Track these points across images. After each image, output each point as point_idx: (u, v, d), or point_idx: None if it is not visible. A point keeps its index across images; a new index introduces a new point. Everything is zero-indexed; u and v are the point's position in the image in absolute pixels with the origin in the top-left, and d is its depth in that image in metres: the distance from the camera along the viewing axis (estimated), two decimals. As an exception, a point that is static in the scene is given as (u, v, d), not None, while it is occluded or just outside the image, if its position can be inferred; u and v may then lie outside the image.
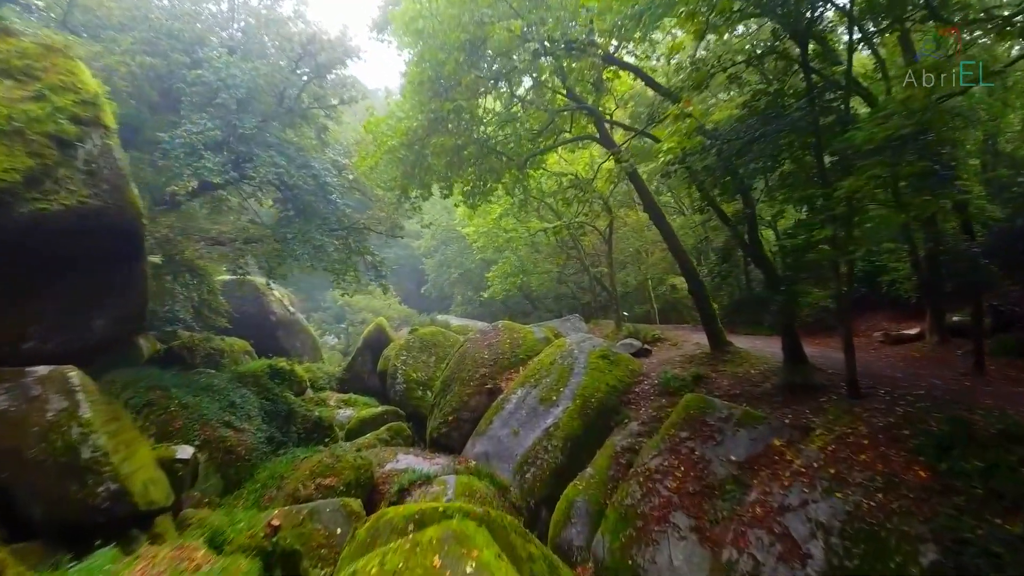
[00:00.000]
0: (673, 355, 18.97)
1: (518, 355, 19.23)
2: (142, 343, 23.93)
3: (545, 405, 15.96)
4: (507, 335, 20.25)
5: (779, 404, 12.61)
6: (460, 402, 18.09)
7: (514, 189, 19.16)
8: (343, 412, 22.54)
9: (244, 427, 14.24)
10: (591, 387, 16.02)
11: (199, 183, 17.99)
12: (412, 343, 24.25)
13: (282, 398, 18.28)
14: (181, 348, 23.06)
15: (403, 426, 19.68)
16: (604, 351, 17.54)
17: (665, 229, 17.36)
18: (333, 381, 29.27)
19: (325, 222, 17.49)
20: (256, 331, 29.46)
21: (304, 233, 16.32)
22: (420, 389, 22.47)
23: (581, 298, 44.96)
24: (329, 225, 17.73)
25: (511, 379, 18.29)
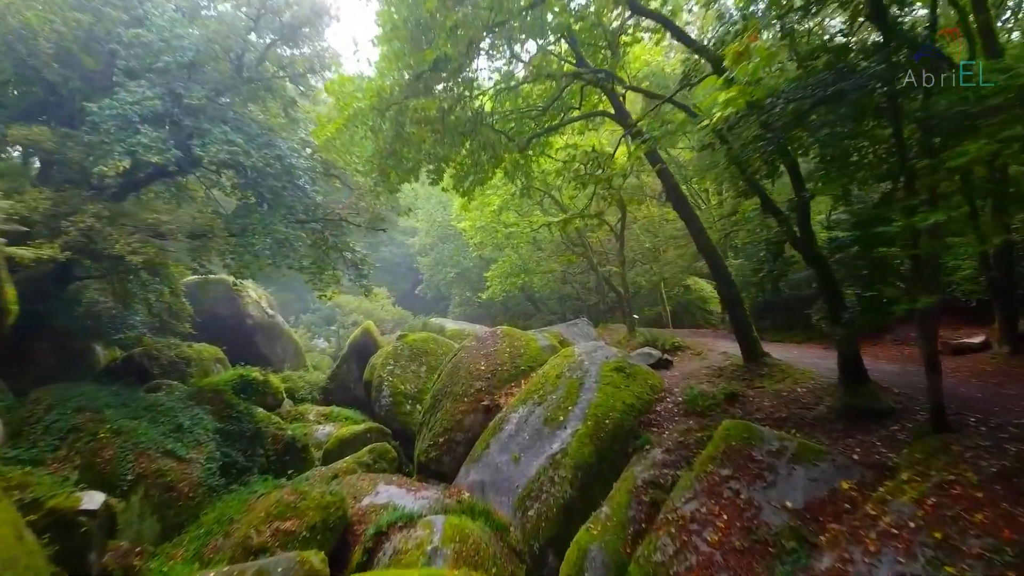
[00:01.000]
0: (698, 367, 16.95)
1: (519, 366, 17.23)
2: (99, 351, 22.03)
3: (551, 426, 13.97)
4: (507, 343, 18.24)
5: (839, 433, 10.59)
6: (452, 421, 16.08)
7: (515, 175, 17.09)
8: (322, 429, 20.54)
9: (191, 456, 12.20)
10: (605, 405, 14.02)
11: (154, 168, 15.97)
12: (400, 351, 22.23)
13: (248, 416, 16.29)
14: (142, 356, 21.19)
15: (388, 447, 17.67)
16: (619, 362, 15.52)
17: (693, 221, 15.30)
18: (316, 391, 27.26)
19: (291, 211, 15.41)
20: (230, 336, 27.44)
21: (266, 224, 14.24)
22: (408, 403, 20.47)
23: (587, 299, 42.91)
24: (296, 215, 15.63)
25: (511, 395, 16.31)
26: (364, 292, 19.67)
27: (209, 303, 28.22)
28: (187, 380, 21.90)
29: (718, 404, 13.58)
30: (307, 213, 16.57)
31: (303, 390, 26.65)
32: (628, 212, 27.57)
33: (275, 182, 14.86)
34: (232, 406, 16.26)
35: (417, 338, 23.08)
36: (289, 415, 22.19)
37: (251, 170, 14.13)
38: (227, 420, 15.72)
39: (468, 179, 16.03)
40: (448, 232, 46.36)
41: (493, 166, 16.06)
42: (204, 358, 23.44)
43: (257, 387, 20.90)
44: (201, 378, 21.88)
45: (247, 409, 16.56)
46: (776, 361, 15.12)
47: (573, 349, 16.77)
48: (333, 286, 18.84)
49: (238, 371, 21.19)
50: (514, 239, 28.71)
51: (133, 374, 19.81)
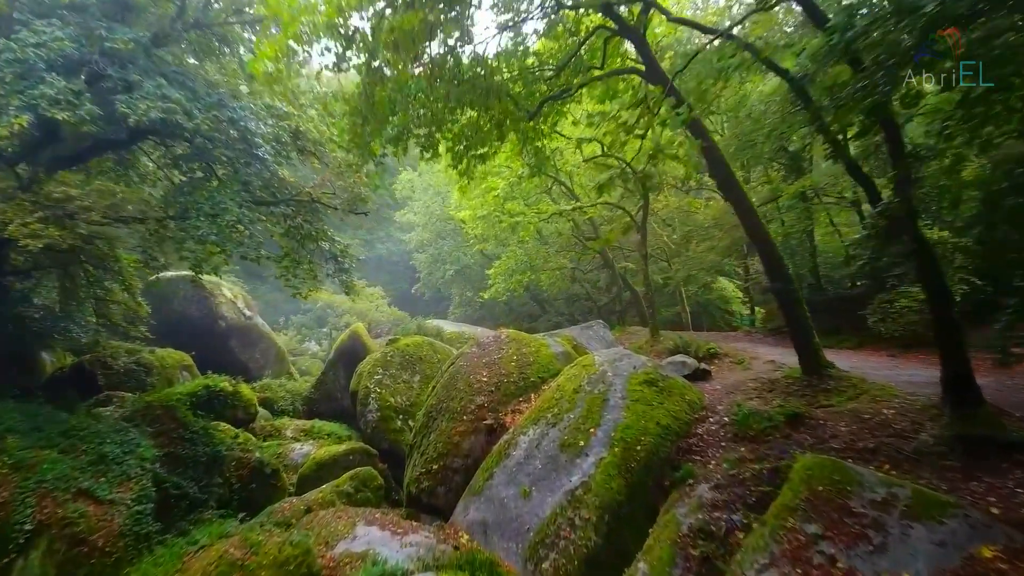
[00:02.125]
0: (742, 378, 14.67)
1: (528, 377, 14.94)
2: (45, 358, 19.81)
3: (569, 453, 11.74)
4: (513, 349, 15.93)
5: (957, 474, 8.29)
6: (448, 444, 13.80)
7: (523, 149, 14.75)
8: (300, 448, 18.27)
9: (113, 496, 9.87)
10: (636, 428, 11.80)
11: (93, 142, 13.70)
12: (390, 358, 19.95)
13: (204, 437, 14.03)
14: (94, 364, 18.94)
15: (373, 473, 15.40)
16: (650, 374, 13.25)
17: (742, 203, 12.93)
18: (299, 402, 24.98)
19: (248, 188, 13.04)
20: (201, 340, 25.20)
21: (214, 203, 11.87)
22: (399, 419, 18.20)
23: (598, 299, 40.60)
24: (254, 193, 13.25)
25: (519, 412, 14.04)
26: (346, 289, 17.29)
27: (178, 303, 26.05)
28: (146, 391, 19.68)
29: (776, 427, 11.28)
30: (271, 192, 14.23)
31: (283, 401, 24.40)
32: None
33: (227, 151, 12.48)
34: (186, 425, 13.98)
35: (410, 343, 20.77)
36: (263, 431, 19.97)
37: (195, 135, 11.78)
38: (177, 443, 13.45)
39: (468, 154, 13.70)
40: (447, 227, 44.09)
41: (497, 138, 13.76)
42: (168, 365, 21.21)
43: (225, 399, 18.68)
44: (163, 388, 19.64)
45: (204, 429, 14.27)
46: (843, 373, 12.78)
47: (593, 357, 14.47)
48: (310, 282, 16.52)
49: (203, 381, 18.96)
50: (520, 231, 26.34)
51: (79, 385, 17.61)
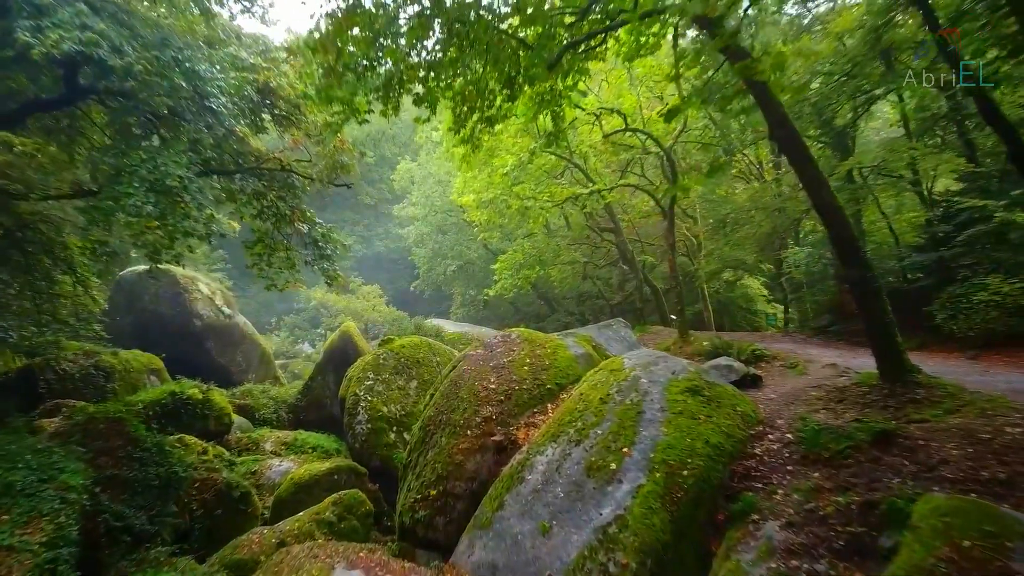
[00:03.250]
0: (800, 385, 12.67)
1: (544, 384, 12.93)
2: (-11, 361, 17.87)
3: (598, 479, 9.81)
4: (526, 350, 13.92)
5: None
6: (449, 464, 11.80)
7: (537, 114, 12.74)
8: (278, 465, 16.32)
9: (16, 541, 7.83)
10: (680, 447, 9.83)
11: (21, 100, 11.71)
12: (383, 361, 17.96)
13: (158, 455, 12.00)
14: (44, 368, 17.01)
15: (360, 497, 13.44)
16: (693, 380, 11.26)
17: (807, 169, 10.80)
18: (284, 410, 22.97)
19: (195, 148, 10.92)
20: (174, 341, 23.30)
21: (153, 167, 9.78)
22: (392, 431, 16.24)
23: (611, 298, 38.57)
24: (203, 154, 11.12)
25: (534, 426, 12.07)
26: (328, 279, 15.19)
27: (149, 300, 24.15)
28: (106, 398, 17.75)
29: (858, 448, 9.21)
30: (232, 157, 12.17)
31: (266, 409, 22.42)
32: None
33: (168, 100, 10.37)
34: (135, 442, 11.95)
35: (406, 344, 18.75)
36: (239, 444, 18.01)
37: (125, 77, 9.73)
38: (122, 464, 11.44)
39: (472, 117, 11.70)
40: (448, 220, 42.12)
41: (507, 98, 11.75)
42: (133, 369, 19.25)
43: (193, 409, 16.74)
44: (124, 396, 17.70)
45: (159, 445, 12.24)
46: (934, 379, 10.68)
47: (622, 361, 12.44)
48: (287, 272, 14.51)
49: (169, 387, 17.09)
50: (530, 218, 24.27)
51: (23, 393, 15.72)
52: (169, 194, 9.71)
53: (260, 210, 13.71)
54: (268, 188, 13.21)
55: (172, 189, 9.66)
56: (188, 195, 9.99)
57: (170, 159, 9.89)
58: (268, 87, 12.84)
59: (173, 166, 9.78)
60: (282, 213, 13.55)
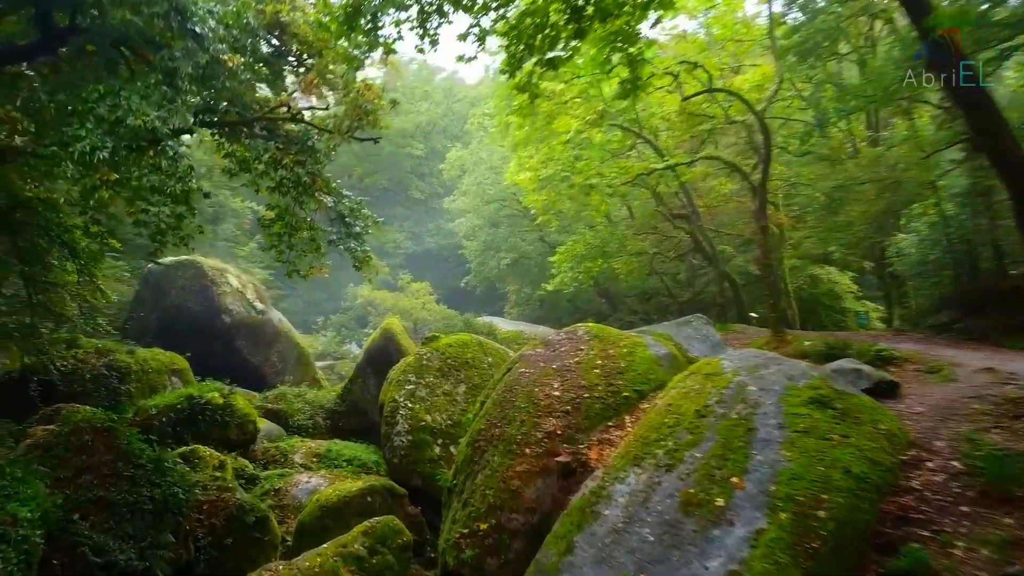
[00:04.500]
0: (951, 395, 10.31)
1: (620, 391, 10.78)
2: (-4, 360, 16.64)
3: (700, 517, 7.72)
4: (596, 349, 11.78)
5: None
6: (503, 491, 9.78)
7: (609, 59, 10.60)
8: (306, 482, 14.58)
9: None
10: (810, 477, 7.64)
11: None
12: (427, 362, 16.04)
13: (155, 473, 10.32)
14: (49, 368, 15.70)
15: (397, 526, 11.50)
16: (818, 388, 9.03)
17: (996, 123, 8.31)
18: (321, 416, 21.33)
19: (171, 82, 8.98)
20: (201, 339, 21.86)
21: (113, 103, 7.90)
22: (437, 444, 14.32)
23: (679, 295, 35.99)
24: (179, 88, 9.18)
25: (609, 443, 9.98)
26: (357, 263, 13.25)
27: (175, 294, 22.80)
28: (120, 402, 16.33)
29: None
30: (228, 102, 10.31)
31: (301, 415, 20.80)
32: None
33: (132, 16, 8.49)
34: (127, 457, 10.30)
35: (452, 342, 16.75)
36: (265, 456, 16.35)
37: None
38: (110, 484, 9.81)
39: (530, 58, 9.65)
40: (502, 213, 40.09)
41: (573, 34, 9.69)
42: (152, 369, 17.83)
43: (212, 415, 15.13)
44: (142, 398, 16.26)
45: (156, 462, 10.57)
46: None
47: (720, 363, 10.17)
48: (312, 256, 12.72)
49: (186, 391, 15.59)
50: (593, 201, 22.04)
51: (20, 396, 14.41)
52: (132, 138, 7.91)
53: (278, 182, 11.94)
54: (284, 151, 11.39)
55: (137, 132, 7.84)
56: (159, 140, 8.18)
57: (134, 93, 8.08)
58: (279, 22, 10.96)
59: (138, 103, 7.97)
60: (301, 182, 11.74)
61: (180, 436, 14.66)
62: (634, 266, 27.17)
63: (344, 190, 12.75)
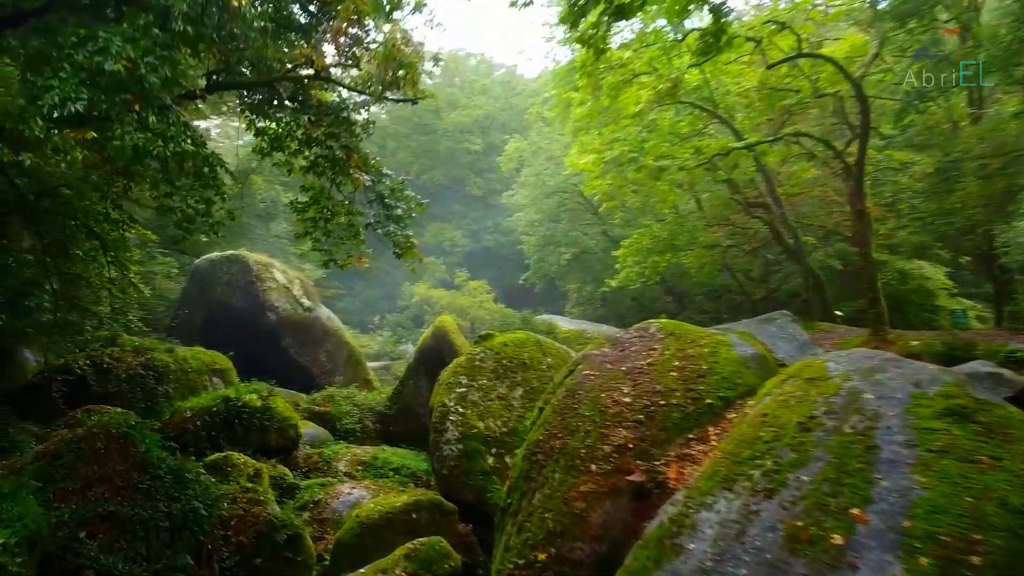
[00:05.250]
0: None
1: (702, 398, 9.36)
2: (28, 357, 16.26)
3: (811, 558, 6.43)
4: (671, 348, 10.36)
5: None
6: (565, 513, 8.52)
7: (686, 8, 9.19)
8: (349, 493, 13.62)
9: None
10: (956, 510, 6.23)
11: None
12: (480, 362, 14.85)
13: (174, 485, 9.41)
14: (84, 367, 15.21)
15: (443, 548, 10.41)
16: (954, 396, 7.49)
17: None
18: (370, 418, 20.42)
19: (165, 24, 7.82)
20: (247, 337, 21.23)
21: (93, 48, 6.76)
22: (491, 454, 13.12)
23: (753, 293, 33.96)
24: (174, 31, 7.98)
25: (691, 460, 8.62)
26: (397, 250, 12.10)
27: (220, 290, 22.24)
28: (157, 404, 15.69)
29: None
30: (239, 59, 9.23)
31: (349, 418, 19.95)
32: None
33: None
34: (144, 467, 9.39)
35: (508, 341, 15.48)
36: (307, 463, 15.46)
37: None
38: (123, 497, 8.90)
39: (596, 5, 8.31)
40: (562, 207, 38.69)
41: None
42: (191, 369, 17.18)
43: (250, 419, 14.28)
44: (180, 399, 15.58)
45: (176, 472, 9.64)
46: None
47: (825, 365, 8.62)
48: (349, 243, 11.66)
49: (222, 393, 14.80)
50: (662, 188, 20.47)
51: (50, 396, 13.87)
52: (114, 89, 6.88)
53: (312, 161, 10.93)
54: (316, 124, 10.35)
55: (119, 81, 6.79)
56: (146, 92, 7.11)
57: (117, 35, 7.02)
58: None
59: (121, 45, 6.90)
60: (337, 159, 10.68)
61: (215, 441, 13.87)
62: (706, 260, 25.42)
63: (385, 169, 11.69)
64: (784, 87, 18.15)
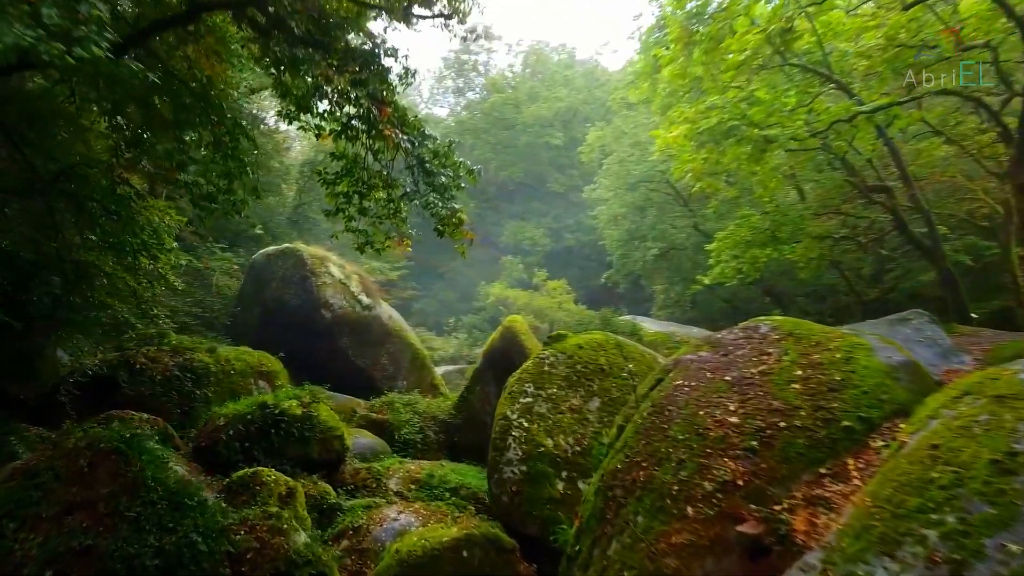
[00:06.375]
0: None
1: (837, 418, 7.18)
2: (62, 356, 15.38)
3: None
4: (791, 353, 8.18)
5: None
6: (651, 573, 6.41)
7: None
8: (395, 518, 11.98)
9: None
10: None
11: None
12: (550, 368, 12.92)
13: (169, 513, 7.86)
14: (118, 366, 14.17)
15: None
16: None
17: None
18: (432, 428, 18.84)
19: None
20: (302, 336, 20.02)
21: None
22: (560, 479, 11.20)
23: (864, 292, 30.66)
24: None
25: (826, 504, 6.48)
26: (440, 229, 10.19)
27: (275, 286, 21.10)
28: (194, 409, 14.51)
29: None
30: None
31: (409, 427, 18.38)
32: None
33: None
34: (134, 490, 7.89)
35: (583, 343, 13.43)
36: (354, 479, 13.92)
37: None
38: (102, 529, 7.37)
39: None
40: (650, 198, 36.20)
41: None
42: (235, 371, 15.92)
43: (289, 429, 12.81)
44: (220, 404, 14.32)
45: (174, 495, 8.08)
46: None
47: (1020, 379, 6.29)
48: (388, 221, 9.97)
49: (259, 399, 13.32)
50: (764, 170, 17.97)
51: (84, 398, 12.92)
52: None
53: (344, 124, 9.30)
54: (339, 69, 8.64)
55: None
56: None
57: None
58: None
59: None
60: (368, 115, 8.97)
61: (250, 453, 12.44)
62: (815, 254, 22.58)
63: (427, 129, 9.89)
64: (907, 43, 15.40)
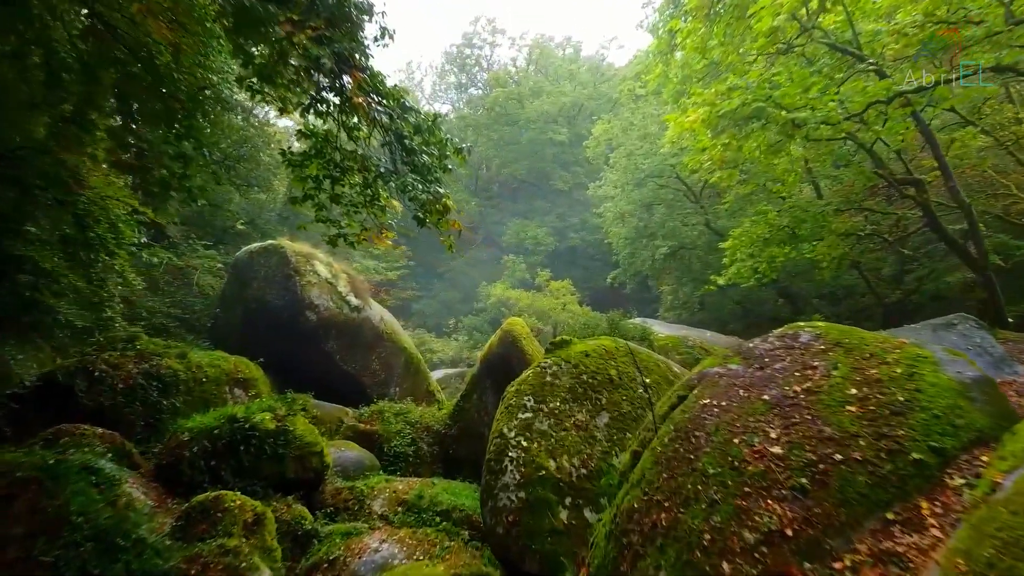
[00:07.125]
0: None
1: (904, 449, 5.88)
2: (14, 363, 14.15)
3: None
4: (842, 367, 6.90)
5: None
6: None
7: None
8: (377, 548, 10.73)
9: None
10: None
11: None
12: (552, 378, 11.60)
13: (96, 557, 6.64)
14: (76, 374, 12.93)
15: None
16: None
17: None
18: (426, 439, 17.62)
19: None
20: (284, 339, 18.76)
21: None
22: (564, 505, 9.86)
23: (885, 294, 29.34)
24: None
25: (897, 560, 5.17)
26: (420, 215, 8.85)
27: (256, 286, 19.84)
28: (161, 421, 13.32)
29: None
30: None
31: (400, 439, 17.13)
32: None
33: None
34: (60, 527, 6.64)
35: (591, 350, 12.12)
36: (335, 501, 12.68)
37: None
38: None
39: None
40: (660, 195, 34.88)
41: None
42: (208, 378, 14.71)
43: (260, 445, 11.60)
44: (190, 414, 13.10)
45: (101, 536, 6.82)
46: None
47: None
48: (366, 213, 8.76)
49: (228, 411, 12.07)
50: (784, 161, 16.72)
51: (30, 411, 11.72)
52: None
53: (313, 96, 8.05)
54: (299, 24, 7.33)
55: None
56: None
57: None
58: None
59: None
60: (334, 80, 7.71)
61: (216, 473, 11.22)
62: (839, 252, 21.28)
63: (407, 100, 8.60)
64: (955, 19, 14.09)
